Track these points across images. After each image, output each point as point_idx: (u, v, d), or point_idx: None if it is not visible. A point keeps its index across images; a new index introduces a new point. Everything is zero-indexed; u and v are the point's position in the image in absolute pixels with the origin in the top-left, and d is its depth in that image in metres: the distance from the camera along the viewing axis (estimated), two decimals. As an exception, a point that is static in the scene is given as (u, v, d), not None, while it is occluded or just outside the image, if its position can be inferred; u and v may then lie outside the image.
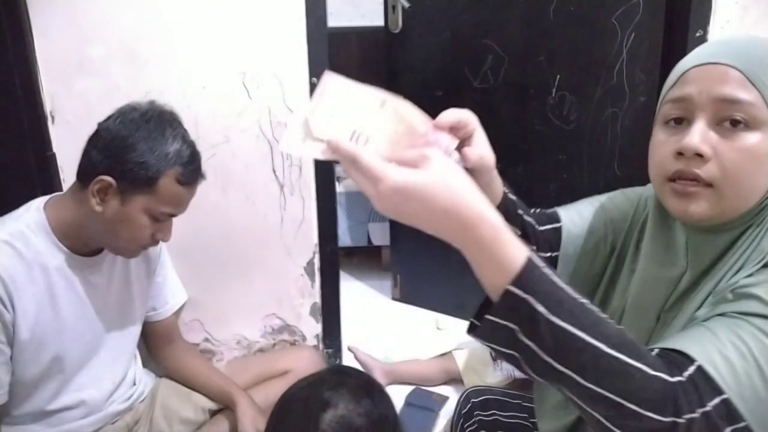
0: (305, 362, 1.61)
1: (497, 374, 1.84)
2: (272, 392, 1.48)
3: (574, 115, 2.06)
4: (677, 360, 0.59)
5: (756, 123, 0.68)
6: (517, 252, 0.54)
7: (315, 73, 1.68)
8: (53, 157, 1.65)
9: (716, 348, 0.60)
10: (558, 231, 1.00)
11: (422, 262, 2.42)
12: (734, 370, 0.58)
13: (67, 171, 1.68)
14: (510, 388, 1.70)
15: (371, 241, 2.80)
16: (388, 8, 2.15)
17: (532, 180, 2.18)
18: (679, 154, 0.71)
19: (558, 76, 2.02)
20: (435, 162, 0.56)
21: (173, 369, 1.49)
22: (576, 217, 1.00)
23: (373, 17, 3.08)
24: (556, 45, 2.00)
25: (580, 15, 1.95)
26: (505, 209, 0.93)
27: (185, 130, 1.19)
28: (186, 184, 1.17)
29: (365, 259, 2.97)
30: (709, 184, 0.70)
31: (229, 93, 1.67)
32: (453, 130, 0.71)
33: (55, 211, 1.17)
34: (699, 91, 0.71)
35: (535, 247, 0.96)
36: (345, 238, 2.74)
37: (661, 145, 0.74)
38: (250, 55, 1.64)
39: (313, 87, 1.69)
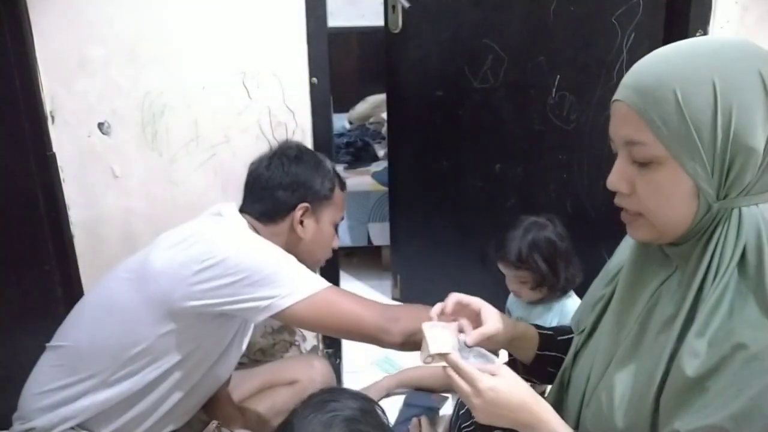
0: (315, 372, 1.61)
1: None
2: (279, 400, 1.48)
3: (574, 115, 2.06)
4: None
5: (657, 160, 0.69)
6: None
7: (315, 73, 1.68)
8: (53, 157, 1.65)
9: None
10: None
11: (422, 262, 2.42)
12: None
13: (67, 171, 1.68)
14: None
15: (371, 241, 2.80)
16: (388, 8, 2.15)
17: (532, 180, 2.18)
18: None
19: (558, 76, 2.02)
20: (506, 375, 0.81)
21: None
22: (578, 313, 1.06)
23: (373, 17, 3.08)
24: (556, 45, 2.00)
25: (580, 15, 1.95)
26: (546, 346, 1.04)
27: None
28: (344, 190, 1.45)
29: (365, 259, 2.96)
30: (639, 213, 0.74)
31: (229, 93, 1.67)
32: (461, 312, 0.96)
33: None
34: (613, 131, 0.75)
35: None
36: (345, 238, 2.74)
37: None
38: (250, 54, 1.64)
39: (313, 87, 1.69)
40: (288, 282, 1.15)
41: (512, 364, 1.06)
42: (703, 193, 0.69)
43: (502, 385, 0.78)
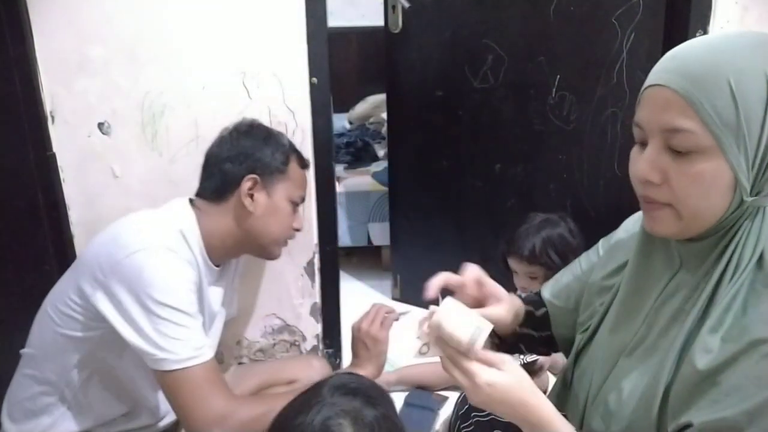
0: (314, 372, 1.61)
1: None
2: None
3: (574, 115, 2.05)
4: None
5: (700, 149, 0.66)
6: None
7: (315, 73, 1.68)
8: (53, 157, 1.65)
9: None
10: (545, 316, 1.05)
11: (422, 262, 2.42)
12: None
13: (67, 171, 1.68)
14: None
15: (371, 241, 2.79)
16: (388, 8, 2.15)
17: (532, 180, 2.18)
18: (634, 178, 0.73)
19: (558, 76, 2.02)
20: (509, 366, 0.77)
21: None
22: (563, 294, 1.03)
23: (373, 17, 3.08)
24: (556, 45, 2.00)
25: (580, 15, 1.95)
26: (526, 324, 1.04)
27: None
28: (304, 167, 1.39)
29: (365, 259, 2.96)
30: (667, 204, 0.71)
31: (229, 93, 1.67)
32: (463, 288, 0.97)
33: (205, 222, 1.27)
34: (648, 117, 0.71)
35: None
36: (345, 238, 2.74)
37: (631, 162, 0.76)
38: (250, 55, 1.64)
39: (313, 87, 1.69)
40: (171, 342, 1.09)
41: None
42: (740, 187, 0.67)
43: (502, 381, 0.75)
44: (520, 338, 1.03)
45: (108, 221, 1.72)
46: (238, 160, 1.28)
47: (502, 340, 1.04)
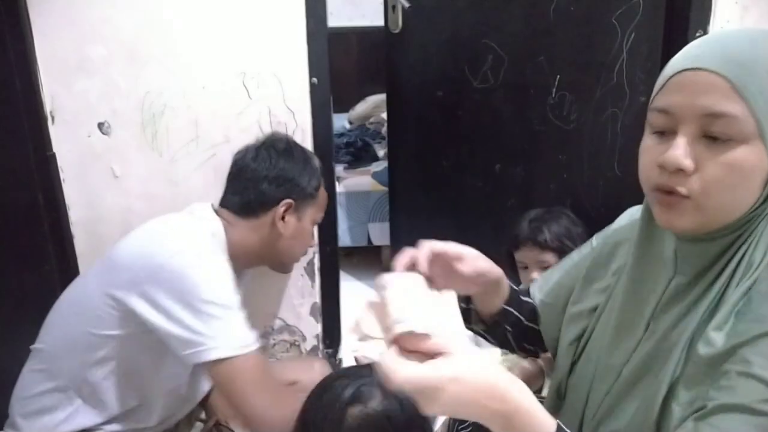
0: (314, 374, 1.60)
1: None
2: None
3: (574, 115, 2.06)
4: None
5: (742, 136, 0.63)
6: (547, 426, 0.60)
7: (315, 73, 1.68)
8: (53, 157, 1.65)
9: None
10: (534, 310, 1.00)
11: (422, 262, 2.42)
12: None
13: (67, 171, 1.68)
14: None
15: (371, 241, 2.79)
16: (388, 8, 2.15)
17: (532, 180, 2.18)
18: (662, 166, 0.68)
19: (558, 76, 2.02)
20: (461, 352, 0.60)
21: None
22: (554, 292, 0.98)
23: (373, 17, 3.08)
24: (556, 45, 2.00)
25: (580, 15, 1.95)
26: (511, 302, 0.96)
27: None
28: (325, 188, 1.43)
29: (365, 259, 2.96)
30: (688, 197, 0.67)
31: (229, 93, 1.67)
32: (438, 260, 0.82)
33: (231, 233, 1.28)
34: (682, 102, 0.66)
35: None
36: (345, 238, 2.74)
37: (647, 152, 0.71)
38: (250, 55, 1.64)
39: (313, 87, 1.69)
40: (222, 332, 1.10)
41: (466, 314, 0.97)
42: None
43: (467, 372, 0.58)
44: (506, 318, 0.95)
45: (108, 221, 1.73)
46: (277, 182, 1.30)
47: (486, 323, 0.97)
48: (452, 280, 0.82)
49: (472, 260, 0.86)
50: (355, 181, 2.77)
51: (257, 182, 1.29)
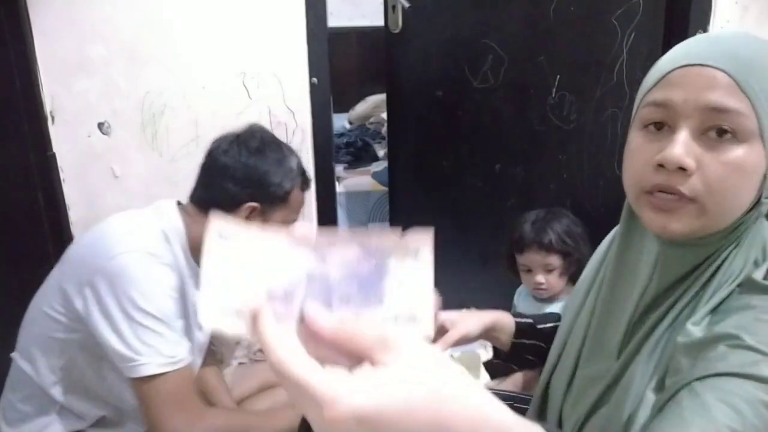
0: None
1: (486, 377, 1.82)
2: (279, 400, 1.47)
3: (574, 115, 2.06)
4: None
5: (744, 134, 0.62)
6: None
7: (315, 73, 1.68)
8: (53, 157, 1.65)
9: None
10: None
11: (422, 262, 2.42)
12: None
13: (67, 171, 1.68)
14: (501, 389, 1.70)
15: (371, 241, 2.79)
16: (388, 8, 2.15)
17: (532, 180, 2.18)
18: (660, 166, 0.64)
19: (558, 76, 2.02)
20: (407, 356, 0.37)
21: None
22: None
23: (373, 17, 3.08)
24: (556, 45, 2.00)
25: (580, 15, 1.95)
26: (522, 335, 1.00)
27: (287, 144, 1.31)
28: (305, 190, 1.30)
29: (365, 259, 2.96)
30: (691, 199, 0.64)
31: (229, 93, 1.67)
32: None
33: (193, 228, 1.22)
34: (684, 97, 0.64)
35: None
36: (345, 238, 2.74)
37: (639, 152, 0.68)
38: (250, 55, 1.64)
39: (313, 87, 1.69)
40: (153, 348, 1.08)
41: (494, 351, 1.04)
42: (767, 184, 0.64)
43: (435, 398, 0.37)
44: (524, 350, 0.99)
45: (108, 221, 1.73)
46: (243, 183, 1.19)
47: (505, 353, 1.01)
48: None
49: (460, 325, 0.91)
50: (355, 181, 2.77)
51: (223, 179, 1.20)
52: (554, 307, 1.64)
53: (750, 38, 0.66)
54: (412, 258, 0.42)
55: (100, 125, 1.66)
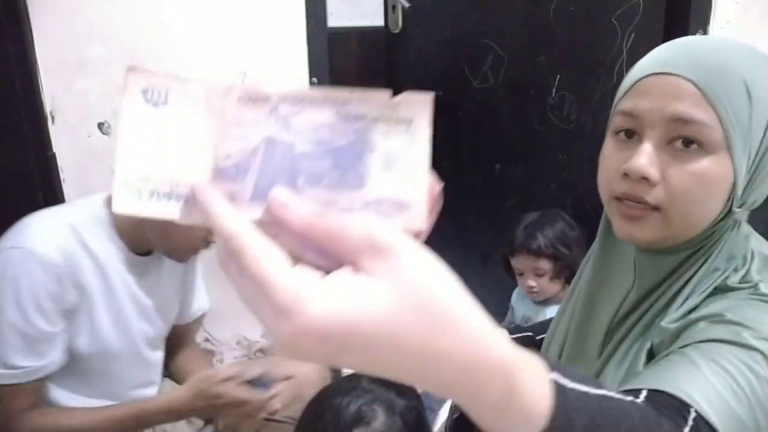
0: (309, 369, 1.59)
1: None
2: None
3: (574, 115, 2.06)
4: (674, 406, 0.54)
5: (710, 145, 0.62)
6: (539, 397, 0.35)
7: (315, 73, 1.68)
8: (53, 157, 1.65)
9: (711, 389, 0.55)
10: None
11: (422, 262, 2.42)
12: (732, 414, 0.54)
13: (67, 171, 1.68)
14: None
15: (371, 241, 2.79)
16: (388, 8, 2.15)
17: (532, 180, 2.18)
18: (626, 174, 0.65)
19: (558, 76, 2.02)
20: (399, 266, 0.30)
21: (180, 372, 1.47)
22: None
23: (373, 17, 3.07)
24: (556, 45, 2.00)
25: (580, 15, 1.95)
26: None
27: None
28: None
29: (365, 259, 2.96)
30: (656, 208, 0.65)
31: (229, 93, 1.67)
32: None
33: (120, 217, 1.19)
34: (650, 106, 0.64)
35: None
36: (345, 238, 2.73)
37: (610, 159, 0.69)
38: (250, 55, 1.64)
39: (313, 87, 1.69)
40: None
41: None
42: (735, 194, 0.64)
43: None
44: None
45: (108, 221, 1.73)
46: None
47: None
48: None
49: None
50: (355, 181, 2.77)
51: None
52: (552, 310, 1.64)
53: (722, 45, 0.66)
54: (404, 128, 0.35)
55: (100, 125, 1.66)
